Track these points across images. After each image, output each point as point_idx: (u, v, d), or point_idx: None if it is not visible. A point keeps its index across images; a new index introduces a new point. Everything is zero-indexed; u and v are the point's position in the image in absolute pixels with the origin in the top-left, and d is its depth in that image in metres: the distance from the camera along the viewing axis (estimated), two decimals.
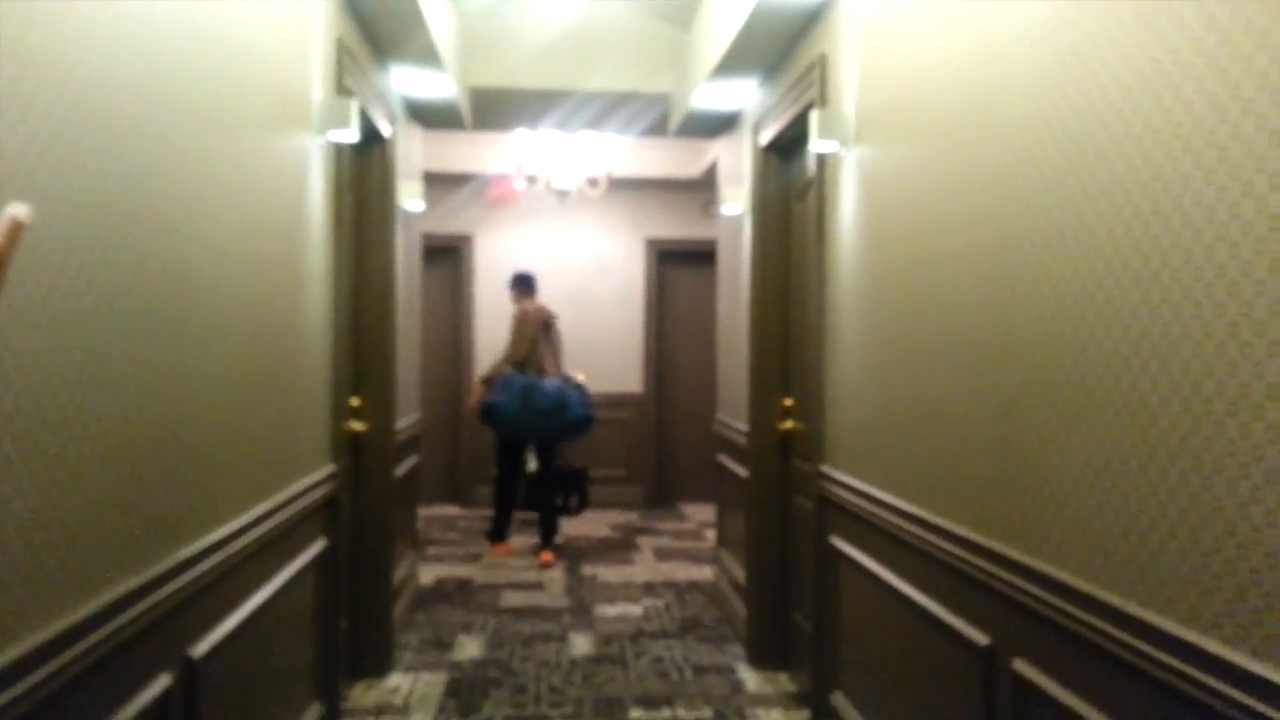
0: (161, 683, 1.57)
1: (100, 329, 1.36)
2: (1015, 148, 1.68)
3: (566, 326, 7.79)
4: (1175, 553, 1.26)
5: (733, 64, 3.65)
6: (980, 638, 1.82)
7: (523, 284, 6.04)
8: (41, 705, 1.18)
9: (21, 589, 1.16)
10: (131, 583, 1.45)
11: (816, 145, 2.78)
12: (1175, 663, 1.23)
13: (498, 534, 5.99)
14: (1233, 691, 1.13)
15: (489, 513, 7.07)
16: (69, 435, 1.28)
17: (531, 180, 6.58)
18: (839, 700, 2.73)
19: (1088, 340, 1.47)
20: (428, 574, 5.33)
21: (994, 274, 1.77)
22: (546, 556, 5.67)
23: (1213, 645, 1.18)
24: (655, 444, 7.93)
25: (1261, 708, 1.09)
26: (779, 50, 3.45)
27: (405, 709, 3.40)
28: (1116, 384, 1.39)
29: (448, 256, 7.75)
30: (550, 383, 5.64)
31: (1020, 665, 1.66)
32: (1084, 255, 1.48)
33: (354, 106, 2.67)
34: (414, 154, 4.65)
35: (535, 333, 5.79)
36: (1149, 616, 1.30)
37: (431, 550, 5.98)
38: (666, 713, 3.38)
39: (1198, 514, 1.22)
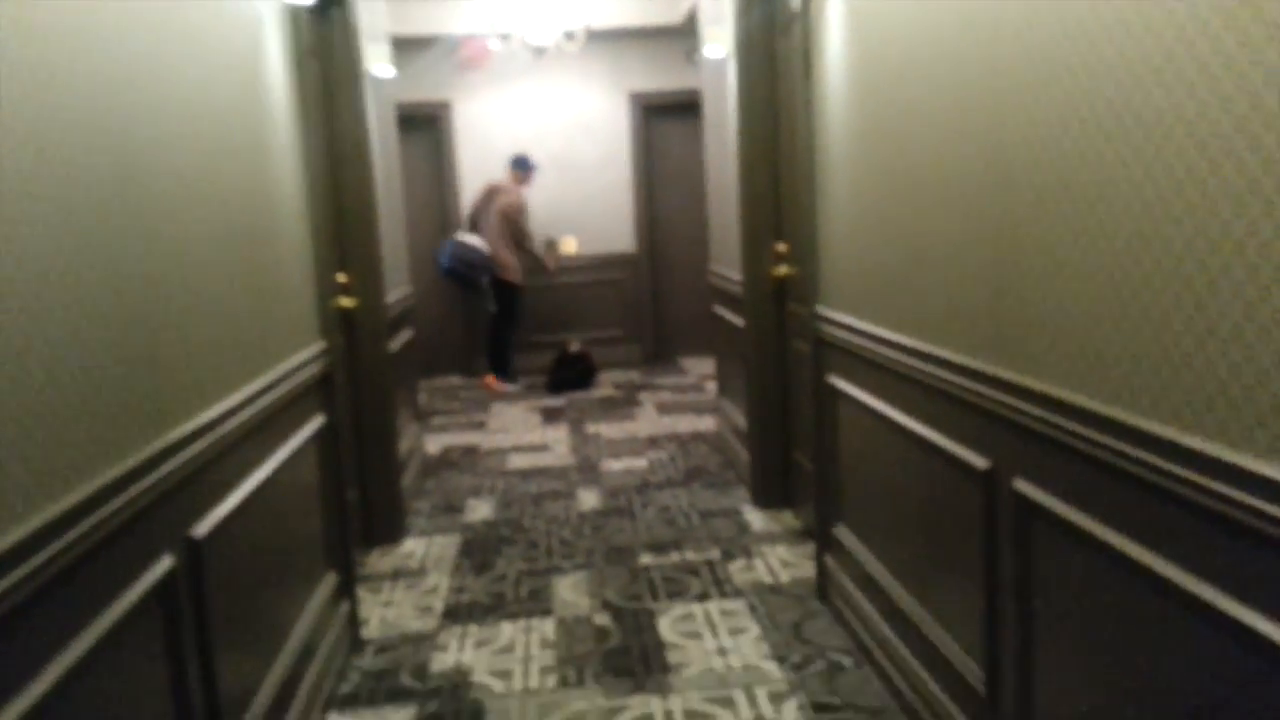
0: (164, 564, 1.59)
1: (62, 210, 1.31)
2: None
3: (553, 190, 7.66)
4: (1178, 361, 1.24)
5: None
6: (980, 461, 1.83)
7: (517, 166, 6.87)
8: (40, 591, 1.19)
9: (7, 476, 1.16)
10: (121, 467, 1.44)
11: None
12: (1177, 469, 1.23)
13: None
14: (1238, 494, 1.13)
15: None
16: (38, 314, 1.25)
17: (505, 38, 6.31)
18: (842, 532, 2.81)
19: (1085, 152, 1.41)
20: (434, 443, 5.43)
21: (987, 95, 1.70)
22: (488, 380, 6.94)
23: (1218, 449, 1.17)
24: (651, 301, 7.92)
25: (1270, 508, 1.08)
26: None
27: (421, 570, 3.52)
28: (1115, 194, 1.35)
29: (426, 125, 7.53)
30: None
31: (1021, 484, 1.67)
32: (1080, 65, 1.41)
33: None
34: (378, 15, 4.43)
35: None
36: (1150, 426, 1.29)
37: (436, 420, 6.07)
38: (675, 556, 3.50)
39: (1202, 320, 1.19)
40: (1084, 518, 1.48)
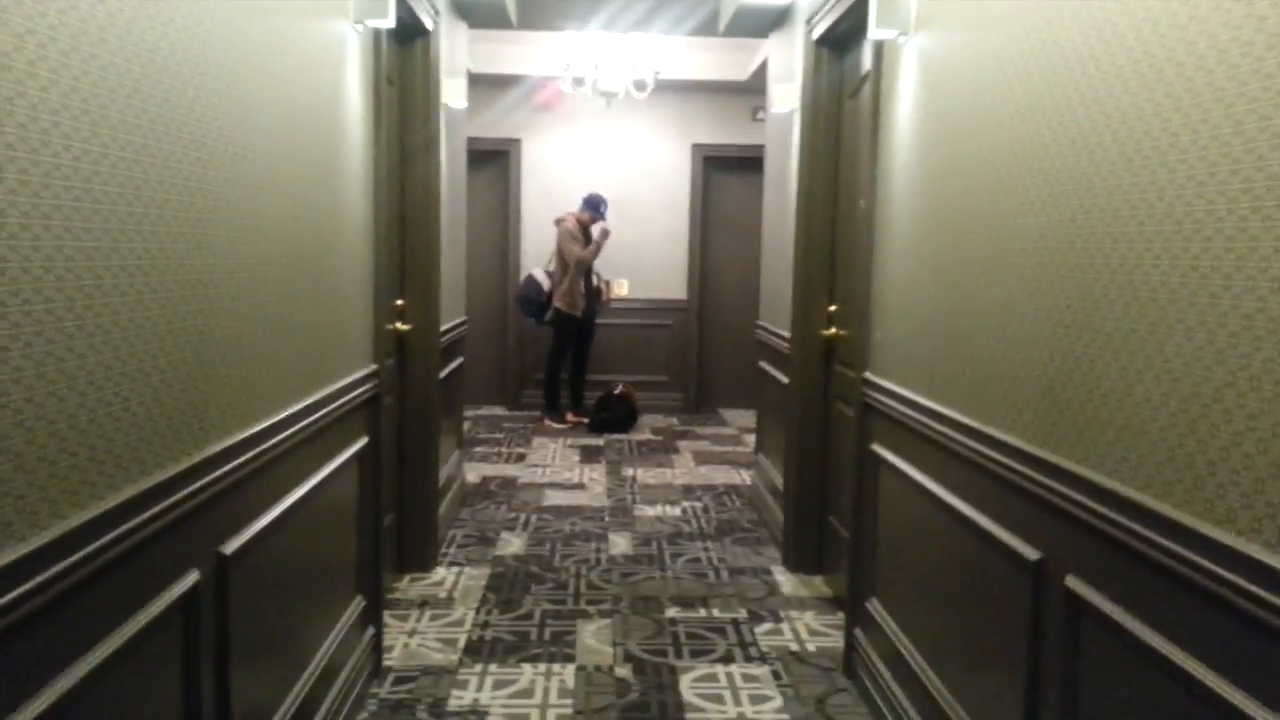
0: (191, 578, 1.59)
1: (121, 212, 1.34)
2: (1101, 30, 1.56)
3: (612, 233, 7.75)
4: (1238, 463, 1.21)
5: None
6: (1030, 552, 1.77)
7: (587, 205, 6.99)
8: (61, 598, 1.20)
9: (46, 478, 1.17)
10: (156, 477, 1.44)
11: (874, 33, 2.65)
12: (1239, 580, 1.18)
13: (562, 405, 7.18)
14: None
15: (534, 414, 7.37)
16: (91, 323, 1.27)
17: (578, 82, 6.44)
18: (875, 606, 2.75)
19: (1156, 245, 1.39)
20: (473, 473, 5.46)
21: (1064, 174, 1.68)
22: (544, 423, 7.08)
23: (1277, 561, 1.13)
24: (697, 350, 7.92)
25: None
26: None
27: (449, 602, 3.52)
28: (1182, 287, 1.33)
29: (494, 160, 7.68)
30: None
31: (1073, 581, 1.61)
32: (1171, 153, 1.39)
33: None
34: (458, 51, 4.56)
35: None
36: (1210, 530, 1.25)
37: (477, 450, 6.11)
38: (702, 612, 3.45)
39: (1266, 424, 1.17)
40: (1138, 623, 1.42)
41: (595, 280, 6.99)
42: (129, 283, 1.36)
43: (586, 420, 6.93)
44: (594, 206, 6.85)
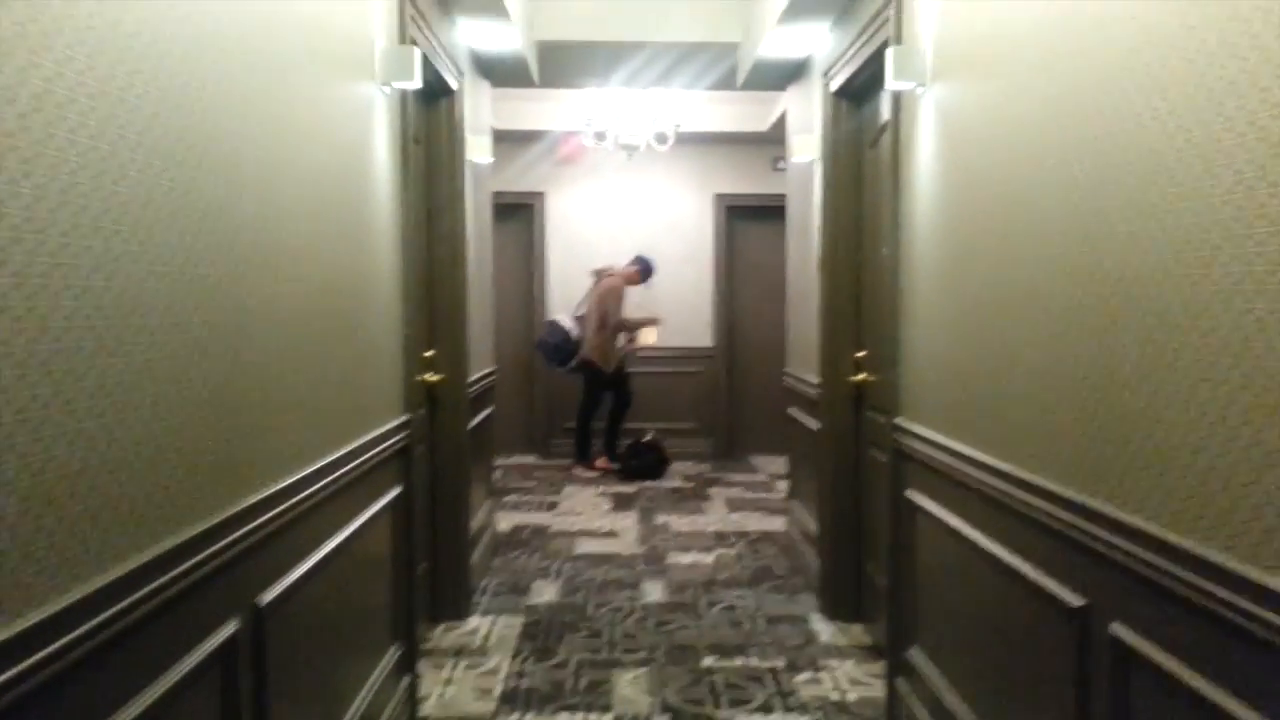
0: (228, 629, 1.60)
1: (161, 272, 1.38)
2: (1118, 80, 1.58)
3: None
4: None
5: (802, 5, 3.56)
6: (1073, 599, 1.74)
7: (638, 263, 7.20)
8: (103, 649, 1.21)
9: (86, 530, 1.19)
10: (194, 530, 1.46)
11: (892, 84, 2.70)
12: None
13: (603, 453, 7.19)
14: None
15: (564, 462, 7.39)
16: (128, 377, 1.30)
17: (600, 136, 6.56)
18: (916, 655, 2.71)
19: (1194, 285, 1.39)
20: (505, 521, 5.46)
21: (1090, 216, 1.69)
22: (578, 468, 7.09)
23: None
24: (726, 397, 7.92)
25: None
26: None
27: (483, 650, 3.50)
28: (1217, 327, 1.33)
29: (519, 214, 7.80)
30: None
31: (1119, 628, 1.58)
32: (1196, 196, 1.40)
33: (417, 55, 2.69)
34: (482, 109, 4.67)
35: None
36: (1260, 576, 1.22)
37: (509, 499, 6.11)
38: (740, 661, 3.41)
39: None
40: (1187, 670, 1.39)
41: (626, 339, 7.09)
42: (165, 339, 1.39)
43: (617, 468, 6.92)
44: (646, 271, 7.10)
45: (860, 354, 3.74)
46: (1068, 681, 1.76)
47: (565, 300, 7.59)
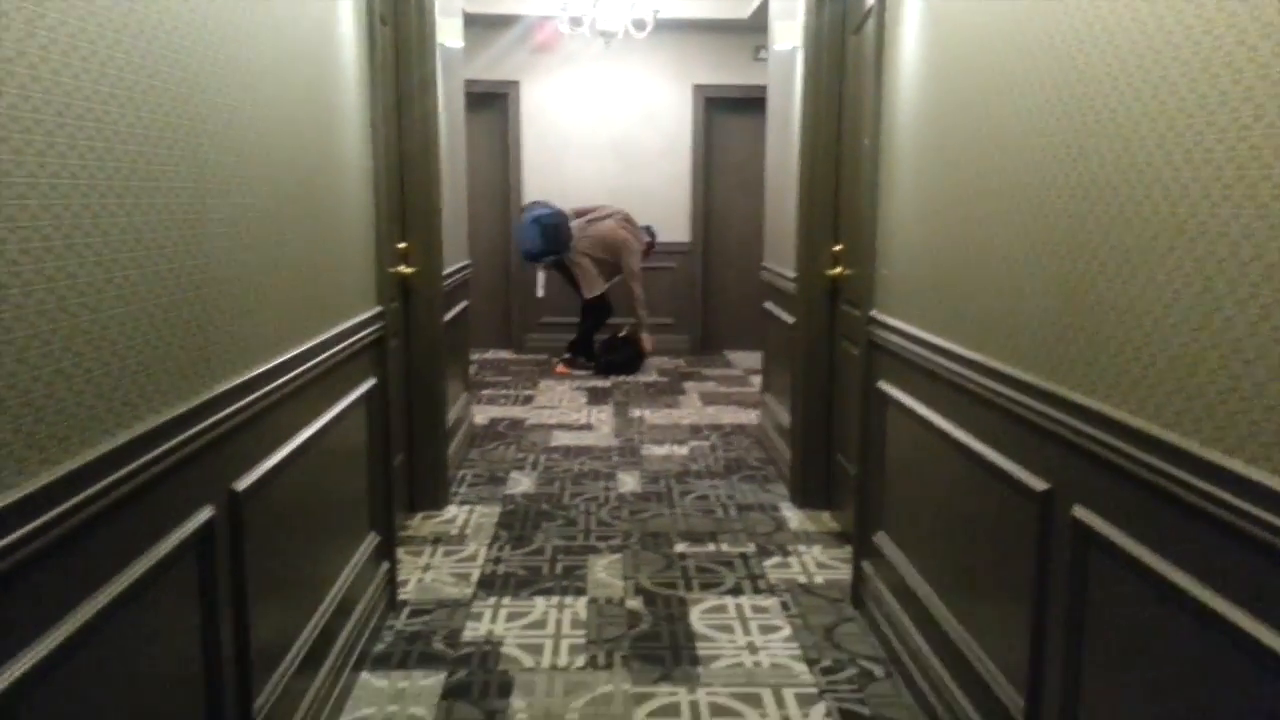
0: (205, 513, 1.61)
1: (117, 151, 1.34)
2: None
3: (613, 176, 7.71)
4: (1249, 390, 1.22)
5: None
6: (1037, 483, 1.78)
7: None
8: (77, 531, 1.22)
9: (54, 414, 1.18)
10: (167, 414, 1.46)
11: None
12: (1248, 506, 1.19)
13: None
14: None
15: (540, 357, 7.42)
16: (92, 261, 1.27)
17: (576, 22, 6.34)
18: (882, 539, 2.79)
19: (1166, 173, 1.39)
20: (481, 415, 5.50)
21: (1070, 102, 1.66)
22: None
23: None
24: (702, 292, 7.92)
25: None
26: None
27: (461, 538, 3.57)
28: (1192, 215, 1.32)
29: (493, 104, 7.59)
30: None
31: (1080, 511, 1.62)
32: (1172, 86, 1.38)
33: None
34: None
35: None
36: (1219, 458, 1.25)
37: (485, 392, 6.15)
38: (711, 547, 3.51)
39: (1277, 352, 1.17)
40: (1145, 550, 1.43)
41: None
42: (127, 221, 1.36)
43: (592, 368, 6.94)
44: (651, 235, 7.02)
45: (838, 247, 3.73)
46: (1030, 563, 1.82)
47: (541, 196, 7.47)
